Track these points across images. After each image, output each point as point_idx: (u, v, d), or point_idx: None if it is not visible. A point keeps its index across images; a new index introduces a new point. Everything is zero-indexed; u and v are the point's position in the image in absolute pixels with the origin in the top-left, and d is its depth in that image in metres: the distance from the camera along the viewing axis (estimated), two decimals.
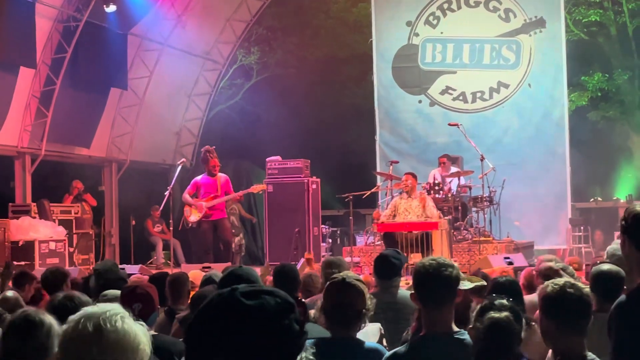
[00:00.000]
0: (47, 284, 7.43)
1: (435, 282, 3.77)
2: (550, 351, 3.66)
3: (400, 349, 3.83)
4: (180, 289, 6.61)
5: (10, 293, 6.34)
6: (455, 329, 3.81)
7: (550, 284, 3.73)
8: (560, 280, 3.77)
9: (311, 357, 1.89)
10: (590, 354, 3.57)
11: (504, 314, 3.57)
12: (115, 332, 2.18)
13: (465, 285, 4.29)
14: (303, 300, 6.46)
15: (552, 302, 3.65)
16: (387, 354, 3.82)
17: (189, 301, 6.24)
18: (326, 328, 4.15)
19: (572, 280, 3.83)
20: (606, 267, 5.42)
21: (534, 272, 7.25)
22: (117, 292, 5.54)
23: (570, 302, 3.61)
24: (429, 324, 3.82)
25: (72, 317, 2.25)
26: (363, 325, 4.20)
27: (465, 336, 3.75)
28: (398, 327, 5.39)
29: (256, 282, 3.71)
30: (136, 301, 4.96)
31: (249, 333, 1.78)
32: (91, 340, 2.16)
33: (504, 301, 3.67)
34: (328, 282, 4.38)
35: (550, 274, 5.97)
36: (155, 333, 4.86)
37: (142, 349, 2.22)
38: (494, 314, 3.58)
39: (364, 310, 4.12)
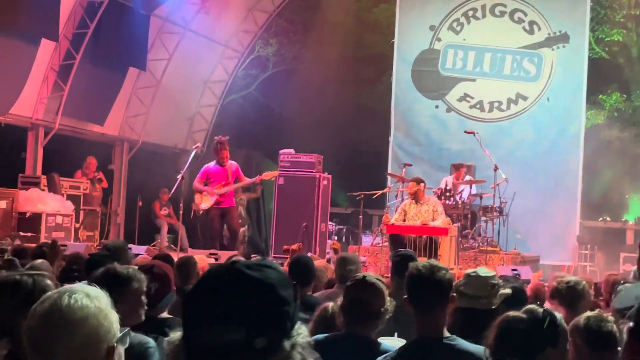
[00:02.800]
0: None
1: (428, 286, 3.72)
2: None
3: (390, 353, 3.78)
4: (189, 271, 6.60)
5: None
6: (447, 334, 3.76)
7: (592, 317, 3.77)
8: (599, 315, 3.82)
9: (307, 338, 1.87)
10: None
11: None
12: (60, 311, 2.16)
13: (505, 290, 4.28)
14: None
15: (594, 334, 3.68)
16: (379, 358, 3.76)
17: None
18: (343, 325, 4.11)
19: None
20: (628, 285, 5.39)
21: (545, 288, 7.25)
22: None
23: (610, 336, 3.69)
24: (421, 328, 3.77)
25: (55, 290, 2.25)
26: (381, 325, 4.16)
27: (457, 342, 3.70)
28: (410, 330, 5.36)
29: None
30: (153, 281, 4.90)
31: (248, 302, 1.77)
32: (38, 326, 2.16)
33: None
34: (350, 280, 4.35)
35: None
36: (169, 316, 4.83)
37: (92, 321, 2.18)
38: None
39: (382, 309, 4.08)
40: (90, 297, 2.21)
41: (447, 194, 14.65)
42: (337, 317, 4.13)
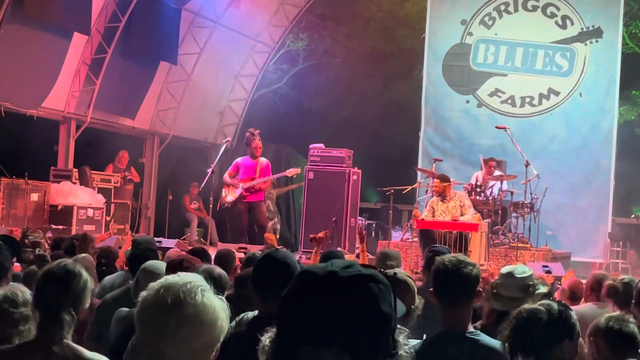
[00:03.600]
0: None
1: (454, 280, 3.71)
2: None
3: (414, 345, 3.75)
4: (228, 265, 6.60)
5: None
6: (471, 329, 3.75)
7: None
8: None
9: (408, 348, 1.82)
10: None
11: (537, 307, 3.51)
12: (194, 306, 2.12)
13: (541, 289, 4.24)
14: None
15: (616, 335, 3.71)
16: (402, 349, 3.73)
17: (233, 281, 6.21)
18: None
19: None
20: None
21: (582, 285, 7.19)
22: (157, 263, 5.52)
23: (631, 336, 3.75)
24: (445, 322, 3.76)
25: (152, 285, 2.20)
26: (411, 323, 4.13)
27: (480, 337, 3.68)
28: (439, 326, 5.33)
29: (294, 267, 3.65)
30: None
31: (352, 323, 1.70)
32: (169, 312, 2.11)
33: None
34: None
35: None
36: None
37: (220, 325, 2.17)
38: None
39: (412, 307, 4.06)
40: (217, 298, 2.20)
41: (478, 189, 14.57)
42: None
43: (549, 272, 11.13)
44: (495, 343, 3.66)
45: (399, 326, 1.80)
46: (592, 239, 16.50)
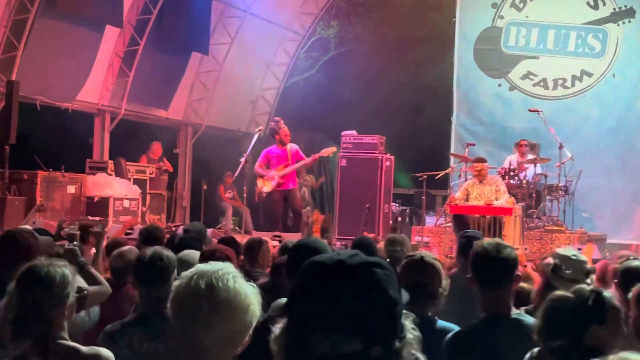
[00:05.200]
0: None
1: (494, 264, 3.72)
2: None
3: (463, 329, 3.79)
4: (256, 254, 6.65)
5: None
6: (515, 310, 3.78)
7: None
8: None
9: (415, 332, 1.86)
10: None
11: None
12: (226, 291, 2.18)
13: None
14: None
15: None
16: (451, 333, 3.77)
17: (269, 268, 6.27)
18: None
19: None
20: (636, 263, 5.25)
21: (610, 267, 7.13)
22: (192, 252, 5.60)
23: None
24: (488, 306, 3.78)
25: (185, 274, 2.27)
26: (439, 305, 4.17)
27: (524, 317, 3.72)
28: (474, 310, 5.36)
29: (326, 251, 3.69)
30: None
31: (362, 309, 1.75)
32: (203, 297, 2.17)
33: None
34: (406, 259, 4.35)
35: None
36: None
37: (252, 310, 2.23)
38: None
39: (440, 290, 4.09)
40: (249, 284, 2.26)
41: (512, 173, 14.52)
42: None
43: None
44: None
45: (405, 311, 1.86)
46: (628, 220, 16.36)
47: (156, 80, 17.21)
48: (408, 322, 1.84)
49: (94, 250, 6.81)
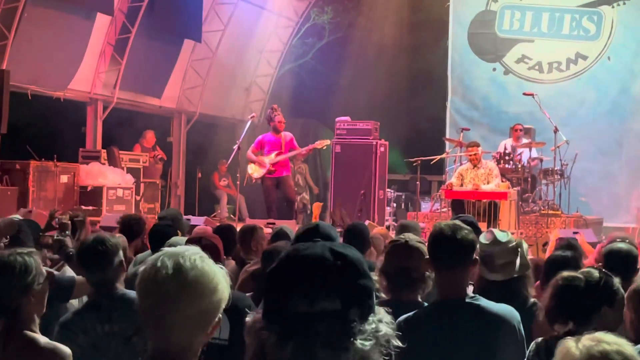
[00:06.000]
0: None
1: (450, 245, 3.61)
2: None
3: (410, 314, 3.69)
4: (250, 240, 6.59)
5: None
6: (470, 294, 3.68)
7: None
8: None
9: (389, 320, 1.85)
10: None
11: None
12: (194, 270, 2.14)
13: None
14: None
15: None
16: (402, 317, 3.67)
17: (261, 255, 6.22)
18: (387, 291, 4.05)
19: None
20: (620, 245, 5.21)
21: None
22: (180, 239, 5.53)
23: None
24: (443, 289, 3.69)
25: (151, 257, 2.22)
26: (427, 288, 4.10)
27: (480, 301, 3.60)
28: None
29: (334, 239, 3.62)
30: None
31: (341, 274, 1.79)
32: (169, 277, 2.13)
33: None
34: (390, 244, 4.28)
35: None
36: None
37: (221, 290, 2.18)
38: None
39: (426, 274, 4.02)
40: (217, 266, 2.22)
41: (507, 157, 14.46)
42: (380, 282, 4.07)
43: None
44: (496, 307, 3.60)
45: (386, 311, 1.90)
46: (624, 203, 16.34)
47: (149, 68, 17.11)
48: (381, 309, 1.85)
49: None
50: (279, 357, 1.77)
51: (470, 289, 3.96)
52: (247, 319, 1.86)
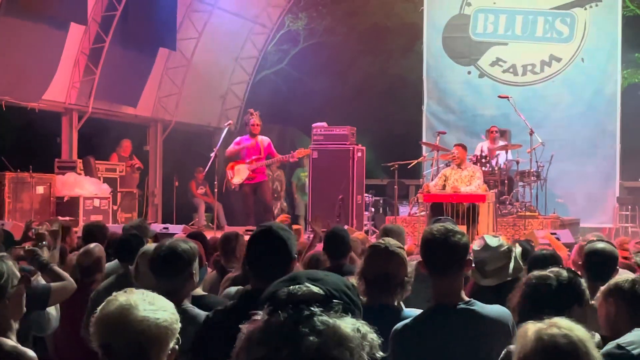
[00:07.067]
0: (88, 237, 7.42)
1: (443, 250, 3.61)
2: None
3: (407, 321, 3.69)
4: (231, 248, 6.57)
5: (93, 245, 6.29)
6: (466, 298, 3.67)
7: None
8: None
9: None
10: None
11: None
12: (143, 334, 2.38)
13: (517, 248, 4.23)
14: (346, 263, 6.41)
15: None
16: (396, 326, 3.67)
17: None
18: (365, 295, 4.03)
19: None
20: (601, 245, 5.23)
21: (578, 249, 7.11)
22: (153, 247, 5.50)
23: None
24: (437, 294, 3.68)
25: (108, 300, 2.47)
26: (405, 293, 4.09)
27: (475, 306, 3.61)
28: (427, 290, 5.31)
29: (287, 240, 3.58)
30: None
31: (326, 279, 1.97)
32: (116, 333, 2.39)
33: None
34: (370, 248, 4.26)
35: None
36: (205, 293, 4.80)
37: (168, 334, 2.39)
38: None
39: (406, 279, 4.02)
40: (164, 309, 2.40)
41: (483, 160, 14.52)
42: (358, 286, 4.05)
43: (557, 239, 11.10)
44: (491, 310, 3.62)
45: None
46: (601, 204, 16.46)
47: (124, 77, 17.03)
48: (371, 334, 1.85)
49: None
50: None
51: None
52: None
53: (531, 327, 2.44)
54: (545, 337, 2.39)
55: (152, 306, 2.39)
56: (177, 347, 2.34)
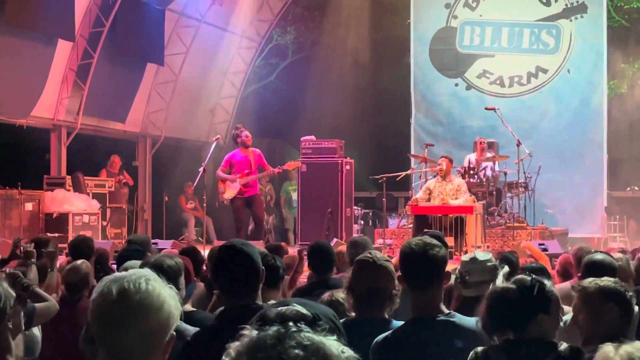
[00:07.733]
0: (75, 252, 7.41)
1: (421, 263, 3.63)
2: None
3: (387, 334, 3.69)
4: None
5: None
6: (445, 310, 3.69)
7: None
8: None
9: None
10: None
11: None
12: (138, 293, 2.21)
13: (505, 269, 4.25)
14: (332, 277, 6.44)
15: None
16: (377, 338, 3.68)
17: None
18: (355, 309, 4.04)
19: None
20: (600, 256, 5.28)
21: (571, 259, 7.15)
22: (135, 263, 5.51)
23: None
24: (416, 307, 3.70)
25: (99, 284, 2.29)
26: (394, 306, 4.10)
27: (454, 318, 3.63)
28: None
29: (253, 256, 3.61)
30: None
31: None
32: (114, 302, 2.20)
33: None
34: (357, 262, 4.25)
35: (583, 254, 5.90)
36: (194, 309, 4.81)
37: (167, 308, 2.24)
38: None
39: (394, 292, 4.03)
40: (163, 284, 2.29)
41: (471, 171, 14.57)
42: (347, 299, 4.07)
43: (545, 250, 11.14)
44: (470, 322, 3.62)
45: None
46: (589, 214, 16.52)
47: (112, 93, 17.05)
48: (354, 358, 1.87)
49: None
50: None
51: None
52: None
53: (612, 350, 2.39)
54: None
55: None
56: (174, 333, 2.30)
